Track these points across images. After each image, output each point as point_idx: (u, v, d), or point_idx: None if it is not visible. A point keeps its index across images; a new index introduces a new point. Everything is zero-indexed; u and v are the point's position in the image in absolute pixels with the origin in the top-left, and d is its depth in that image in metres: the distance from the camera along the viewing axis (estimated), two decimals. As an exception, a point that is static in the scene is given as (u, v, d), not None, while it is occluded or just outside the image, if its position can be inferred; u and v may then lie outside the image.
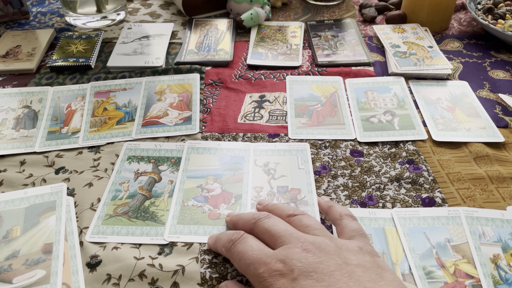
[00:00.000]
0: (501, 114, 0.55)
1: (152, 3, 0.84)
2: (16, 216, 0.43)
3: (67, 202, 0.44)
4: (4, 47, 0.69)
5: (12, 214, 0.43)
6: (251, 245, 0.33)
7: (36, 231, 0.41)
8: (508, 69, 0.63)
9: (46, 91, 0.60)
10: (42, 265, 0.38)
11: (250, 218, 0.36)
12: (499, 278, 0.36)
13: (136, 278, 0.37)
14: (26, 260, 0.38)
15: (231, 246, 0.34)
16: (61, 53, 0.67)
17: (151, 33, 0.72)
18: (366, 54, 0.66)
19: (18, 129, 0.54)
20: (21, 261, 0.38)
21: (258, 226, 0.35)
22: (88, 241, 0.40)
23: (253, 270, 0.31)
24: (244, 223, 0.37)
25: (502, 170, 0.47)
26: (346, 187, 0.46)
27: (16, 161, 0.50)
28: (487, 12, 0.71)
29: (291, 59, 0.66)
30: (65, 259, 0.39)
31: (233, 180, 0.46)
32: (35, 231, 0.41)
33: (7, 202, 0.44)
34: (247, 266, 0.32)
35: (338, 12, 0.79)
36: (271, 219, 0.35)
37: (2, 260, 0.39)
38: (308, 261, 0.30)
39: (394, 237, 0.40)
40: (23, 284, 0.37)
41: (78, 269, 0.38)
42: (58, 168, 0.49)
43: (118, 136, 0.53)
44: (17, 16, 0.78)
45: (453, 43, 0.70)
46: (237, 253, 0.33)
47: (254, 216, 0.36)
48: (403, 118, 0.54)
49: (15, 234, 0.41)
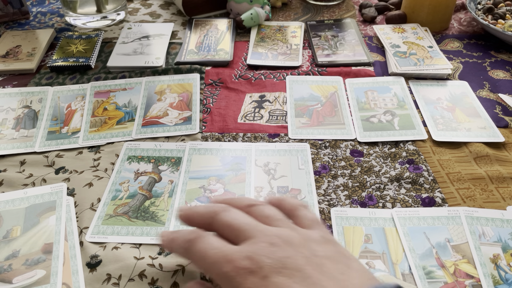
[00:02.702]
0: (501, 114, 0.55)
1: (152, 3, 0.84)
2: (16, 216, 0.42)
3: (67, 202, 0.44)
4: (4, 47, 0.69)
5: (12, 214, 0.43)
6: (212, 243, 0.30)
7: (36, 231, 0.41)
8: (508, 69, 0.63)
9: (46, 91, 0.60)
10: (42, 265, 0.38)
11: (208, 212, 0.33)
12: (499, 278, 0.36)
13: (136, 278, 0.37)
14: (26, 260, 0.38)
15: (188, 246, 0.31)
16: (61, 53, 0.67)
17: (151, 33, 0.72)
18: (366, 54, 0.66)
19: (18, 129, 0.54)
20: (21, 261, 0.38)
21: (217, 220, 0.32)
22: (88, 241, 0.40)
23: (217, 270, 0.29)
24: (201, 218, 0.34)
25: (502, 170, 0.47)
26: (346, 187, 0.46)
27: (16, 161, 0.50)
28: (487, 12, 0.71)
29: (291, 59, 0.66)
30: (65, 259, 0.39)
31: (235, 180, 0.46)
32: (35, 231, 0.41)
33: (7, 202, 0.44)
34: (211, 266, 0.29)
35: (338, 12, 0.79)
36: (231, 212, 0.32)
37: (2, 260, 0.39)
38: (276, 257, 0.28)
39: (394, 237, 0.40)
40: (23, 284, 0.36)
41: (78, 269, 0.38)
42: (58, 168, 0.49)
43: (118, 136, 0.53)
44: (17, 16, 0.78)
45: (453, 43, 0.70)
46: (197, 252, 0.30)
47: (212, 209, 0.33)
48: (403, 118, 0.54)
49: (15, 234, 0.41)
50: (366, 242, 0.40)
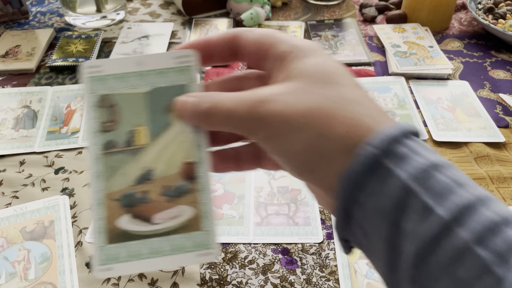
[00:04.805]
0: (502, 114, 0.55)
1: (152, 3, 0.84)
2: (136, 108, 0.25)
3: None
4: (3, 47, 0.69)
5: (131, 103, 0.25)
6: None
7: (170, 139, 0.25)
8: (508, 69, 0.63)
9: (46, 91, 0.60)
10: (187, 198, 0.24)
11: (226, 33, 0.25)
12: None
13: (136, 279, 0.37)
14: (165, 188, 0.24)
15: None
16: (61, 53, 0.67)
17: (150, 33, 0.72)
18: (367, 54, 0.66)
19: (17, 129, 0.54)
20: (158, 188, 0.24)
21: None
22: (87, 241, 0.40)
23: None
24: (221, 42, 0.26)
25: (503, 170, 0.47)
26: (347, 187, 0.46)
27: (16, 161, 0.50)
28: (488, 11, 0.71)
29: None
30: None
31: (235, 180, 0.46)
32: (169, 138, 0.25)
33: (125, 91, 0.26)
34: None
35: (338, 12, 0.79)
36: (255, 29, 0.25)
37: (132, 182, 0.24)
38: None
39: (394, 238, 0.40)
40: (166, 227, 0.23)
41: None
42: (57, 168, 0.49)
43: (118, 136, 0.52)
44: (16, 15, 0.78)
45: (453, 43, 0.69)
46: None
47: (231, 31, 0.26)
48: (403, 118, 0.54)
49: (141, 139, 0.25)
50: (367, 242, 0.40)
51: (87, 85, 0.24)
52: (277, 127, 0.21)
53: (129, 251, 0.22)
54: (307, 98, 0.21)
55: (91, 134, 0.24)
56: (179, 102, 0.24)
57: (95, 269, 0.22)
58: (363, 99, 0.21)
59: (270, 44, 0.24)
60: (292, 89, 0.22)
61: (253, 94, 0.22)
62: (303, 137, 0.20)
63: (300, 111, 0.21)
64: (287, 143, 0.21)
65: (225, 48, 0.25)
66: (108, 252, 0.22)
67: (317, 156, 0.21)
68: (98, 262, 0.22)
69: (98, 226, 0.23)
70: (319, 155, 0.20)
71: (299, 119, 0.21)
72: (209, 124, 0.23)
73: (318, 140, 0.20)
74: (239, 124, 0.22)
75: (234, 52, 0.25)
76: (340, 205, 0.20)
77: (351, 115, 0.20)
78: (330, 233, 0.41)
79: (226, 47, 0.25)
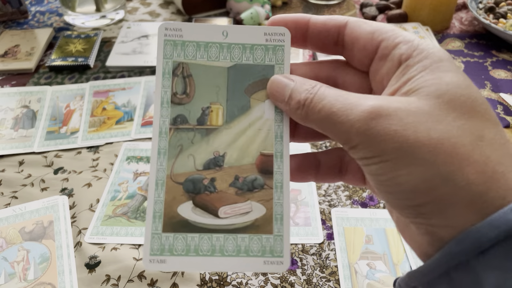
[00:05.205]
0: (503, 114, 0.55)
1: (152, 2, 0.84)
2: (214, 83, 0.22)
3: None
4: (2, 46, 0.69)
5: (209, 77, 0.22)
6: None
7: (248, 124, 0.22)
8: (509, 68, 0.63)
9: (45, 90, 0.60)
10: (259, 195, 0.21)
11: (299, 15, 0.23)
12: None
13: (135, 279, 0.37)
14: (236, 179, 0.21)
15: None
16: (60, 52, 0.67)
17: (150, 33, 0.72)
18: (367, 54, 0.66)
19: (16, 129, 0.54)
20: (228, 177, 0.21)
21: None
22: (87, 242, 0.40)
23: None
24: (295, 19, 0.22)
25: (504, 170, 0.47)
26: (347, 187, 0.46)
27: (15, 161, 0.50)
28: (489, 11, 0.71)
29: (292, 58, 0.65)
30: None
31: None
32: (247, 123, 0.22)
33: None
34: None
35: (339, 11, 0.79)
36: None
37: (200, 166, 0.21)
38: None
39: (395, 238, 0.40)
40: (232, 223, 0.21)
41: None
42: (57, 168, 0.49)
43: (117, 136, 0.52)
44: (15, 15, 0.77)
45: (454, 43, 0.69)
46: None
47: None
48: (404, 117, 0.54)
49: (215, 119, 0.22)
50: (367, 242, 0.40)
51: (162, 48, 0.22)
52: (392, 151, 0.17)
53: (187, 245, 0.20)
54: (441, 127, 0.17)
55: (159, 105, 0.21)
56: (275, 82, 0.21)
57: (145, 259, 0.19)
58: (506, 142, 0.17)
59: (385, 41, 0.20)
60: (421, 110, 0.17)
61: (367, 102, 0.18)
62: (424, 174, 0.17)
63: (431, 141, 0.16)
64: (400, 175, 0.17)
65: (327, 35, 0.21)
66: (163, 241, 0.19)
67: (435, 199, 0.17)
68: (149, 251, 0.19)
69: (154, 210, 0.20)
70: (439, 199, 0.17)
71: (427, 150, 0.16)
72: (303, 118, 0.20)
73: (443, 182, 0.16)
74: (340, 133, 0.18)
75: (336, 42, 0.22)
76: (444, 260, 0.17)
77: (487, 160, 0.17)
78: (330, 234, 0.41)
79: (330, 35, 0.21)
